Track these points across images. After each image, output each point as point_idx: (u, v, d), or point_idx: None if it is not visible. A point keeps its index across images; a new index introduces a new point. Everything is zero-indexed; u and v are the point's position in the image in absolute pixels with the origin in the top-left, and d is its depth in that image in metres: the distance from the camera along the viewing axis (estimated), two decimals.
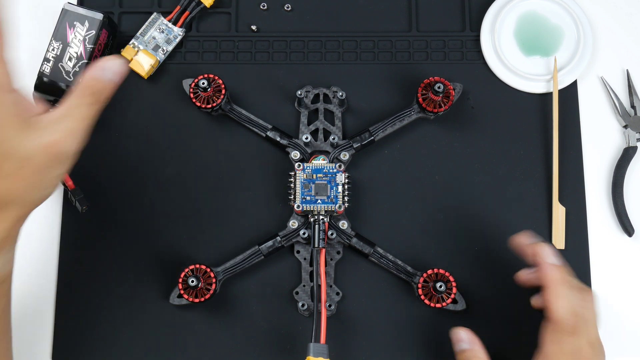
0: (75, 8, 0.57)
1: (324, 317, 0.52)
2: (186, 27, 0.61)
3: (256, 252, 0.55)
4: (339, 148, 0.57)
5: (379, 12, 0.63)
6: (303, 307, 0.55)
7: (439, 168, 0.59)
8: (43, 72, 0.56)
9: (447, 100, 0.57)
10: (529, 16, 0.62)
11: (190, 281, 0.52)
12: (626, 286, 0.58)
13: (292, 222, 0.56)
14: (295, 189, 0.56)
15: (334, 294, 0.56)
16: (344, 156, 0.57)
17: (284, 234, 0.56)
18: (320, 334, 0.51)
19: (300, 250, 0.57)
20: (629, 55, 0.62)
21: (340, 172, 0.56)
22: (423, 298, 0.53)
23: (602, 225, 0.59)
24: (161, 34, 0.60)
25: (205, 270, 0.54)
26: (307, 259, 0.56)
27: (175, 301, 0.55)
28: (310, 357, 0.50)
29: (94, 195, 0.58)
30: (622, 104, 0.61)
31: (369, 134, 0.57)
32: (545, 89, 0.61)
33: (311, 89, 0.59)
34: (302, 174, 0.56)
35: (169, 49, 0.60)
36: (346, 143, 0.57)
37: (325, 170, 0.56)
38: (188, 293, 0.53)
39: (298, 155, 0.57)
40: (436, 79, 0.56)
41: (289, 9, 0.63)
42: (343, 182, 0.56)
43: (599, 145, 0.60)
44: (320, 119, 0.59)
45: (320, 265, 0.54)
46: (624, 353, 0.57)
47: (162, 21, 0.60)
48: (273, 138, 0.57)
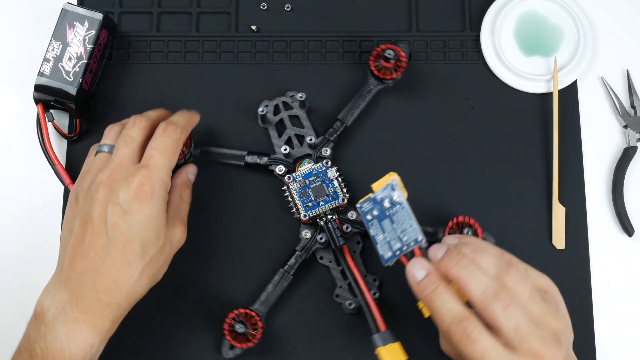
0: (75, 8, 0.57)
1: (373, 306, 0.53)
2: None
3: (283, 274, 0.55)
4: (318, 147, 0.57)
5: (379, 12, 0.63)
6: (350, 306, 0.55)
7: (439, 168, 0.59)
8: (43, 72, 0.56)
9: (400, 63, 0.57)
10: (529, 16, 0.62)
11: (238, 327, 0.51)
12: (626, 286, 0.58)
13: (304, 233, 0.56)
14: (294, 200, 0.55)
15: (371, 281, 0.56)
16: (325, 152, 0.57)
17: (301, 247, 0.55)
18: (377, 323, 0.52)
19: (322, 255, 0.56)
20: (629, 55, 0.62)
21: (328, 168, 0.56)
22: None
23: (602, 225, 0.59)
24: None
25: (245, 313, 0.53)
26: (332, 261, 0.56)
27: (230, 354, 0.53)
28: (380, 347, 0.50)
29: None
30: (622, 104, 0.61)
31: (340, 123, 0.57)
32: (545, 89, 0.61)
33: (269, 102, 0.58)
34: (294, 184, 0.55)
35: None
36: (323, 139, 0.57)
37: (314, 172, 0.56)
38: (239, 341, 0.52)
39: (283, 169, 0.56)
40: (383, 47, 0.56)
41: (289, 9, 0.63)
42: (336, 176, 0.56)
43: (599, 145, 0.60)
44: (288, 127, 0.58)
45: (348, 261, 0.55)
46: (624, 353, 0.57)
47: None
48: (253, 162, 0.57)
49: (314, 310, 0.56)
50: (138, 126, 0.51)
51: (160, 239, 0.48)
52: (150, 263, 0.48)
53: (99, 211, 0.47)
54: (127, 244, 0.47)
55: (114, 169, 0.49)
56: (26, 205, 0.59)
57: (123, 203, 0.47)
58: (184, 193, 0.53)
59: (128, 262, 0.47)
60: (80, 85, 0.56)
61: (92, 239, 0.47)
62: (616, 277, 0.58)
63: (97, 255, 0.47)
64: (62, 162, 0.59)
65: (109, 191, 0.48)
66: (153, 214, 0.47)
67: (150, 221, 0.47)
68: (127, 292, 0.47)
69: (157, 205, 0.48)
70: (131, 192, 0.47)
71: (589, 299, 0.57)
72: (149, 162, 0.48)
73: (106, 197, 0.47)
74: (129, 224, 0.47)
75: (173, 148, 0.50)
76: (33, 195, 0.59)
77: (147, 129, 0.51)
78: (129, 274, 0.47)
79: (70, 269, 0.47)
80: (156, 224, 0.48)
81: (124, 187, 0.47)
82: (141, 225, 0.47)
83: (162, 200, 0.48)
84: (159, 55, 0.62)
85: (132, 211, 0.47)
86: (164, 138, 0.50)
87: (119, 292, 0.47)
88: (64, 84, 0.56)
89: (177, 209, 0.51)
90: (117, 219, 0.47)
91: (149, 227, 0.47)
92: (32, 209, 0.59)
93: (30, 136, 0.59)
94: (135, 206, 0.47)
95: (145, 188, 0.47)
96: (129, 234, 0.47)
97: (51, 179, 0.58)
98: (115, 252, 0.47)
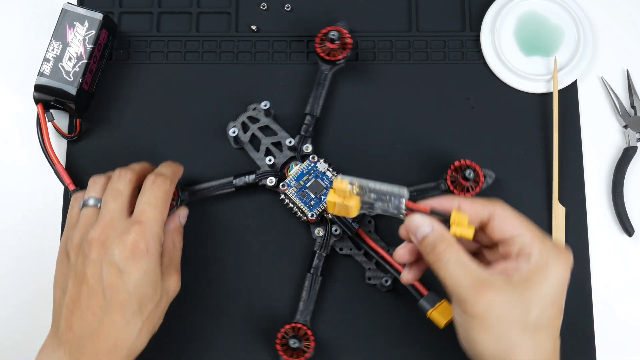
0: (75, 8, 0.57)
1: None
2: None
3: (312, 278, 0.55)
4: (298, 146, 0.57)
5: (379, 12, 0.63)
6: (387, 282, 0.55)
7: (439, 167, 0.59)
8: (43, 72, 0.56)
9: (345, 41, 0.57)
10: (529, 16, 0.62)
11: (292, 343, 0.51)
12: (626, 286, 0.58)
13: (317, 231, 0.56)
14: (296, 204, 0.55)
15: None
16: (307, 149, 0.57)
17: (319, 245, 0.56)
18: (418, 289, 0.53)
19: (341, 247, 0.56)
20: (629, 55, 0.62)
21: (317, 162, 0.56)
22: (457, 192, 0.55)
23: (602, 225, 0.59)
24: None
25: (292, 327, 0.53)
26: (352, 248, 0.56)
27: None
28: (430, 310, 0.51)
29: None
30: (622, 104, 0.61)
31: (310, 116, 0.57)
32: (545, 89, 0.61)
33: (235, 122, 0.58)
34: (290, 190, 0.55)
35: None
36: (300, 137, 0.57)
37: (304, 171, 0.56)
38: (296, 356, 0.52)
39: (274, 180, 0.56)
40: (324, 30, 0.57)
41: (289, 9, 0.63)
42: (326, 168, 0.56)
43: (599, 145, 0.60)
44: (262, 138, 0.58)
45: (368, 242, 0.55)
46: (624, 353, 0.57)
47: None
48: (242, 184, 0.56)
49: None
50: (124, 179, 0.50)
51: (157, 293, 0.48)
52: (149, 318, 0.48)
53: (93, 271, 0.46)
54: (125, 304, 0.46)
55: (105, 225, 0.48)
56: (26, 205, 0.59)
57: (119, 262, 0.46)
58: (177, 239, 0.52)
59: (127, 321, 0.46)
60: (80, 85, 0.56)
61: (88, 300, 0.46)
62: (616, 277, 0.58)
63: (95, 317, 0.46)
64: (62, 162, 0.59)
65: (103, 249, 0.47)
66: (149, 270, 0.47)
67: (146, 277, 0.47)
68: (128, 350, 0.47)
69: (152, 260, 0.47)
70: (127, 251, 0.46)
71: (589, 299, 0.57)
72: (142, 217, 0.48)
73: (100, 255, 0.47)
74: (126, 283, 0.46)
75: (164, 200, 0.49)
76: (33, 195, 0.59)
77: (134, 182, 0.50)
78: (129, 333, 0.46)
79: (68, 330, 0.46)
80: (152, 279, 0.47)
81: (118, 245, 0.46)
82: (138, 283, 0.46)
83: (157, 254, 0.48)
84: (159, 55, 0.62)
85: (129, 270, 0.46)
86: (154, 191, 0.49)
87: (119, 352, 0.46)
88: (64, 84, 0.55)
89: (170, 257, 0.51)
90: (114, 278, 0.46)
91: (145, 284, 0.47)
92: (32, 209, 0.59)
93: (30, 136, 0.59)
94: (131, 264, 0.46)
95: (141, 245, 0.46)
96: (126, 293, 0.46)
97: (51, 179, 0.58)
98: (113, 313, 0.46)
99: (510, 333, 0.43)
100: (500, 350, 0.43)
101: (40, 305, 0.56)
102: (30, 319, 0.56)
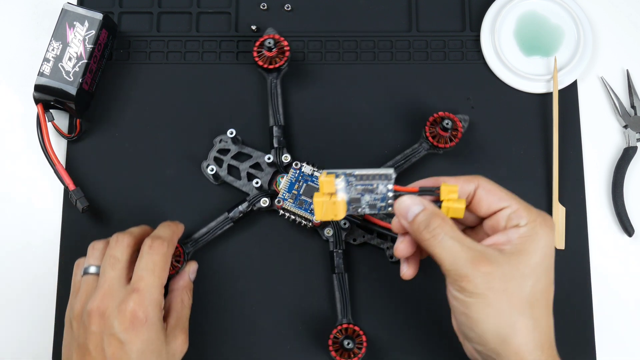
0: (75, 8, 0.57)
1: None
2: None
3: (339, 277, 0.55)
4: (277, 160, 0.56)
5: (379, 12, 0.63)
6: None
7: (438, 167, 0.59)
8: (43, 72, 0.56)
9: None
10: (529, 16, 0.62)
11: (347, 344, 0.51)
12: (626, 286, 0.58)
13: (327, 231, 0.56)
14: (297, 214, 0.55)
15: None
16: (286, 159, 0.56)
17: (334, 244, 0.56)
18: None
19: (354, 237, 0.57)
20: (629, 55, 0.62)
21: (301, 168, 0.55)
22: (438, 144, 0.55)
23: (602, 225, 0.59)
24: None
25: (346, 328, 0.53)
26: (364, 235, 0.56)
27: None
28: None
29: (93, 195, 0.58)
30: (622, 104, 0.61)
31: (277, 127, 0.57)
32: (545, 89, 0.61)
33: (208, 160, 0.58)
34: (286, 202, 0.55)
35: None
36: (275, 151, 0.57)
37: (293, 180, 0.55)
38: (349, 357, 0.52)
39: (267, 201, 0.56)
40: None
41: (289, 9, 0.63)
42: (313, 170, 0.55)
43: (599, 145, 0.60)
44: (239, 165, 0.58)
45: (378, 223, 0.55)
46: (624, 353, 0.57)
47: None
48: (238, 215, 0.56)
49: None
50: (122, 245, 0.50)
51: (161, 358, 0.48)
52: None
53: (94, 343, 0.46)
54: None
55: (104, 295, 0.47)
56: (26, 205, 0.59)
57: (119, 333, 0.46)
58: (185, 297, 0.52)
59: None
60: (80, 85, 0.56)
61: None
62: (616, 277, 0.58)
63: None
64: (62, 162, 0.59)
65: (102, 321, 0.46)
66: (150, 338, 0.47)
67: (149, 345, 0.46)
68: None
69: (153, 328, 0.47)
70: (126, 322, 0.46)
71: (589, 299, 0.57)
72: (139, 284, 0.47)
73: (100, 327, 0.46)
74: (128, 353, 0.46)
75: (162, 264, 0.49)
76: (33, 195, 0.59)
77: (132, 246, 0.50)
78: None
79: None
80: (156, 347, 0.47)
81: (117, 316, 0.46)
82: (141, 352, 0.46)
83: (158, 321, 0.47)
84: (159, 55, 0.62)
85: (130, 340, 0.46)
86: (151, 255, 0.49)
87: None
88: (64, 84, 0.56)
89: (178, 317, 0.51)
90: (116, 350, 0.46)
91: (149, 352, 0.46)
92: (32, 209, 0.59)
93: (30, 136, 0.59)
94: (131, 335, 0.46)
95: (139, 314, 0.46)
96: None
97: (51, 179, 0.58)
98: None
99: (510, 308, 0.42)
100: (501, 328, 0.42)
101: (40, 305, 0.57)
102: (30, 318, 0.57)
